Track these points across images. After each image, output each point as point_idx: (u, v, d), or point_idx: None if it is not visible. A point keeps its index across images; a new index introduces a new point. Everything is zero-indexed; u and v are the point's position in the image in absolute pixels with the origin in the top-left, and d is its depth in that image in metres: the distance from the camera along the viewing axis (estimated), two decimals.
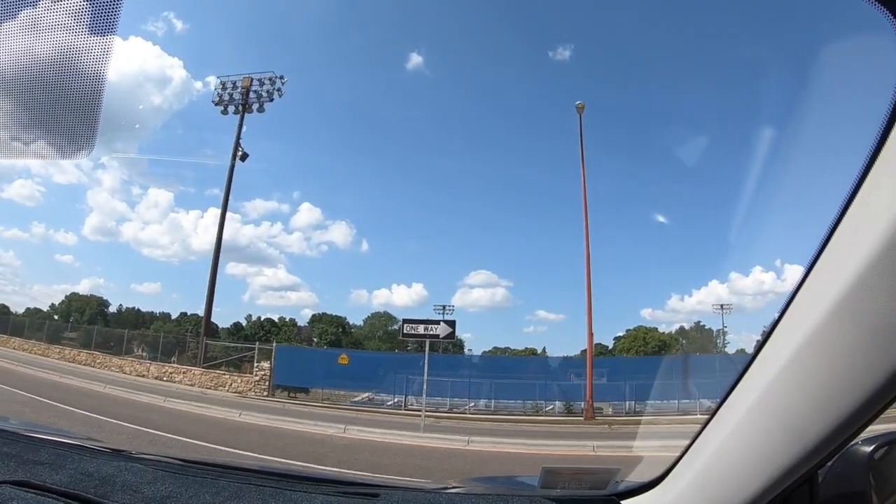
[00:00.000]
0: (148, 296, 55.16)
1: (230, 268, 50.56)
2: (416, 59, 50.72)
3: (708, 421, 1.19)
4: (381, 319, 50.56)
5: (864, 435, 1.00)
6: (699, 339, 48.01)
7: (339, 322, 49.00)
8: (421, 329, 18.51)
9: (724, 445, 1.10)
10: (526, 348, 30.82)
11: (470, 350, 37.29)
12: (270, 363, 25.04)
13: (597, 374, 23.89)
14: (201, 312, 31.40)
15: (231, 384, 24.85)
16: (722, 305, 42.47)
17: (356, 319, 52.19)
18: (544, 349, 28.88)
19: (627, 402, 24.54)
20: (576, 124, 25.56)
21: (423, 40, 52.24)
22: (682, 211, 53.85)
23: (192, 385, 24.41)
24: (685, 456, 1.25)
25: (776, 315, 0.99)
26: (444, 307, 39.46)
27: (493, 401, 25.24)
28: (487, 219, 58.29)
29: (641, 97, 49.28)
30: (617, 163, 48.17)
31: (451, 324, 18.65)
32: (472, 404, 24.56)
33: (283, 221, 54.43)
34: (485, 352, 33.99)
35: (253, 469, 1.72)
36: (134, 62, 42.00)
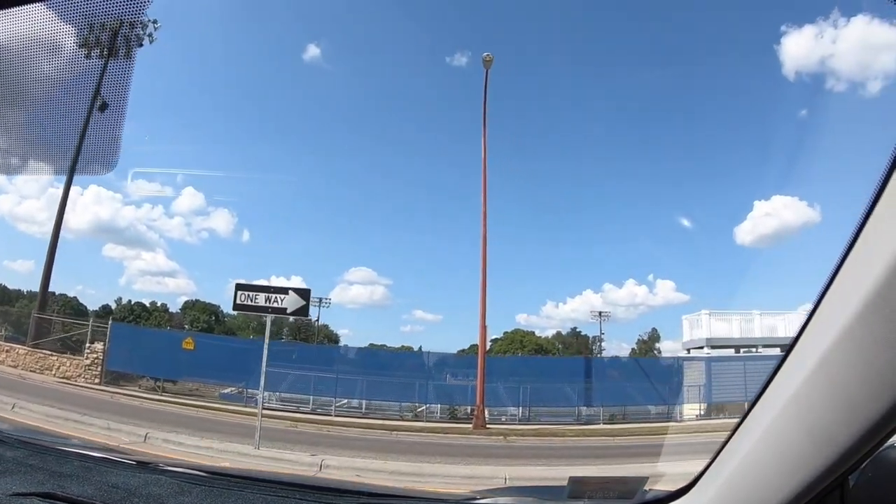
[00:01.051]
0: (21, 273, 53.79)
1: (108, 250, 50.01)
2: (313, 51, 52.15)
3: (736, 428, 1.22)
4: None
5: (895, 439, 1.01)
6: (575, 344, 51.69)
7: (213, 310, 49.27)
8: (261, 299, 13.69)
9: (752, 452, 1.12)
10: (402, 346, 28.94)
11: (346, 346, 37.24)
12: (105, 344, 22.53)
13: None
14: (71, 293, 31.42)
15: (58, 368, 22.32)
16: (600, 313, 48.00)
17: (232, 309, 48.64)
18: (420, 348, 26.93)
19: (521, 408, 23.48)
20: (469, 128, 23.96)
21: (323, 34, 54.04)
22: (562, 219, 59.02)
23: (14, 366, 21.94)
24: (713, 464, 1.28)
25: (803, 320, 1.02)
26: (320, 300, 41.64)
27: (364, 400, 23.46)
28: (371, 216, 60.17)
29: (536, 104, 54.39)
30: (508, 165, 53.17)
31: (304, 294, 14.10)
32: (343, 402, 23.00)
33: (164, 205, 51.81)
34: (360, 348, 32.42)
35: (278, 481, 1.79)
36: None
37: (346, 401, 22.98)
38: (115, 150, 1.74)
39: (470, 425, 19.73)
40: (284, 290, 13.88)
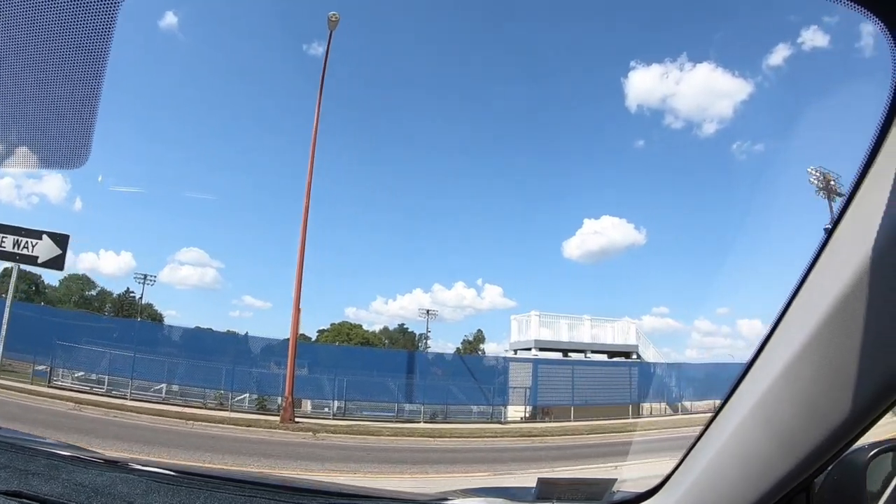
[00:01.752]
0: None
1: None
2: (170, 19, 51.75)
3: (704, 430, 1.26)
4: (79, 283, 50.44)
5: (859, 443, 1.04)
6: (402, 340, 53.54)
7: (33, 279, 47.57)
8: (9, 243, 11.75)
9: (720, 455, 1.17)
10: (228, 331, 26.96)
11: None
12: None
13: (299, 365, 20.77)
14: None
15: None
16: (428, 311, 49.23)
17: (54, 280, 51.24)
18: (247, 334, 25.22)
19: (338, 401, 22.35)
20: (305, 129, 22.32)
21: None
22: (397, 219, 64.81)
23: None
24: (682, 465, 1.32)
25: (770, 325, 1.06)
26: (145, 276, 43.03)
27: (178, 385, 22.21)
28: (205, 197, 58.50)
29: (382, 108, 59.34)
30: (348, 163, 50.80)
31: (62, 241, 12.21)
32: (160, 386, 21.69)
33: None
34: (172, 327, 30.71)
35: (248, 481, 1.78)
36: None
37: (163, 385, 21.77)
38: None
39: (278, 419, 18.25)
40: (37, 234, 11.53)
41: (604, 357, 31.01)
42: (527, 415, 24.96)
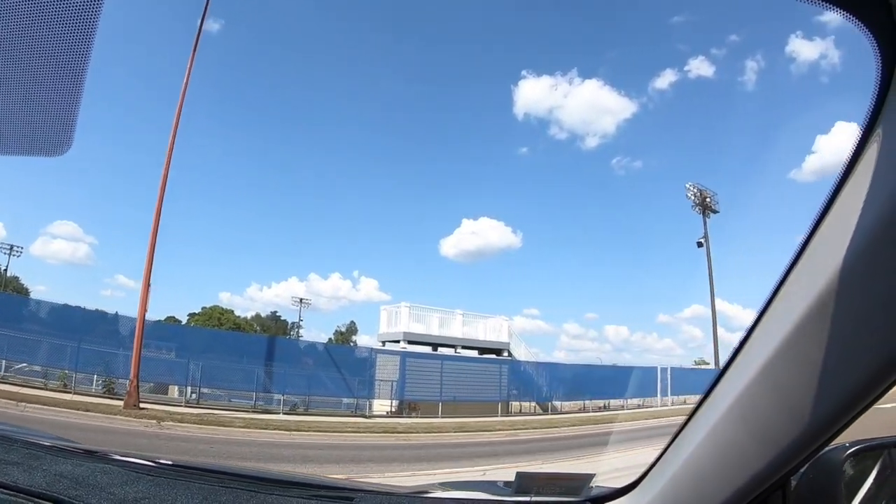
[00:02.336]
0: None
1: None
2: None
3: (683, 426, 1.29)
4: None
5: (835, 442, 1.07)
6: (274, 328, 55.09)
7: None
8: None
9: (697, 451, 1.19)
10: (97, 309, 25.02)
11: None
12: None
13: (157, 347, 19.87)
14: None
15: None
16: (301, 299, 49.10)
17: None
18: (116, 314, 23.69)
19: (192, 387, 21.76)
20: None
21: None
22: (277, 203, 64.49)
23: None
24: (659, 461, 1.36)
25: (751, 322, 1.09)
26: (11, 247, 41.57)
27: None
28: (78, 167, 52.37)
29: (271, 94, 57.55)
30: (231, 143, 49.59)
31: None
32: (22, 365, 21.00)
33: None
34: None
35: (227, 472, 1.82)
36: None
37: (24, 364, 21.07)
38: None
39: (121, 404, 17.48)
40: None
41: (475, 353, 31.52)
42: (393, 409, 25.10)
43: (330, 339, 54.38)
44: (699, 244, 56.87)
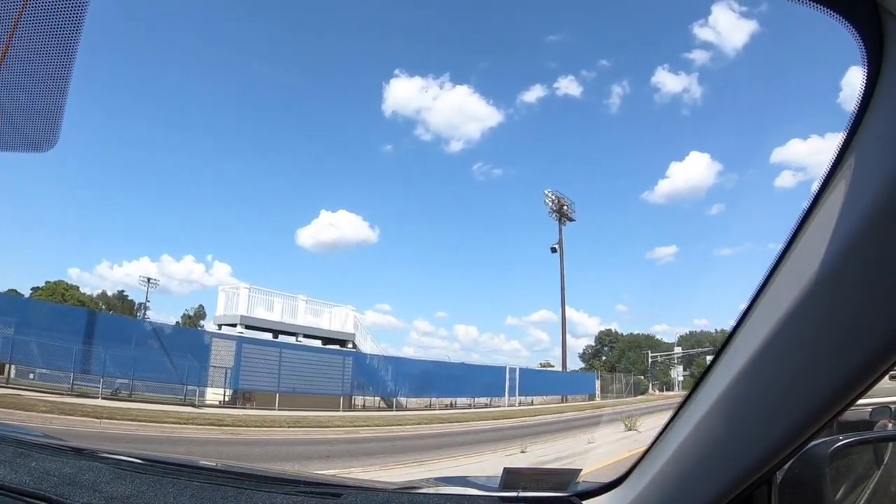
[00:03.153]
0: None
1: None
2: None
3: (670, 421, 1.37)
4: None
5: (821, 437, 1.22)
6: (120, 307, 56.26)
7: None
8: None
9: (684, 446, 1.26)
10: None
11: None
12: None
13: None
14: None
15: None
16: (149, 279, 53.77)
17: None
18: None
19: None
20: None
21: None
22: (130, 181, 64.93)
23: None
24: (646, 456, 1.44)
25: (738, 317, 1.14)
26: None
27: None
28: None
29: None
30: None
31: None
32: None
33: None
34: None
35: (214, 469, 1.92)
36: None
37: None
38: None
39: None
40: None
41: (318, 343, 31.31)
42: (226, 399, 24.23)
43: (177, 321, 54.54)
44: (553, 250, 60.58)
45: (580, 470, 1.82)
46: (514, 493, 1.72)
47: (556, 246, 58.83)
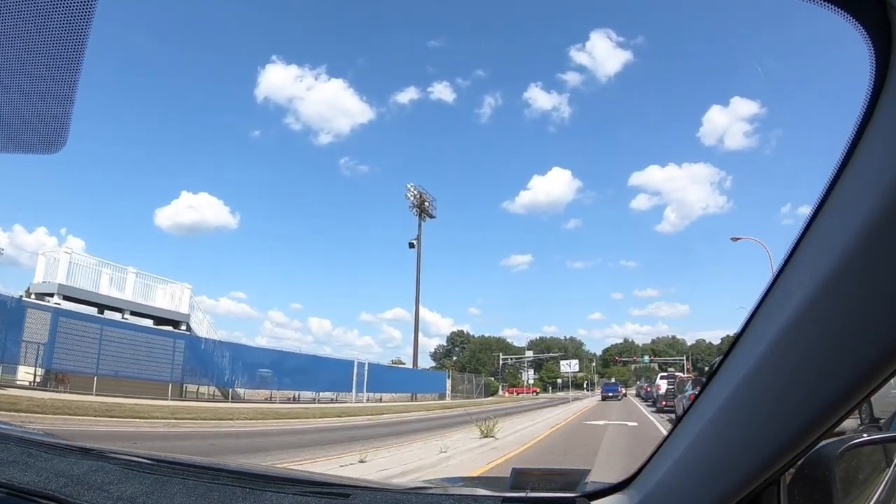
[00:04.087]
0: None
1: None
2: None
3: (678, 422, 1.39)
4: None
5: (830, 438, 1.21)
6: None
7: None
8: None
9: (693, 447, 1.28)
10: None
11: None
12: None
13: None
14: None
15: None
16: None
17: None
18: None
19: None
20: None
21: None
22: None
23: None
24: (655, 457, 1.46)
25: (745, 318, 1.16)
26: None
27: None
28: None
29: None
30: None
31: None
32: None
33: None
34: None
35: (223, 469, 1.93)
36: None
37: None
38: None
39: None
40: None
41: (149, 323, 29.47)
42: (37, 380, 22.25)
43: (20, 295, 50.73)
44: (411, 245, 61.29)
45: (589, 470, 1.89)
46: (522, 494, 1.71)
47: (415, 241, 59.66)
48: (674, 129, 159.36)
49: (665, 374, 48.81)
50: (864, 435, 1.78)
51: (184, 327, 31.16)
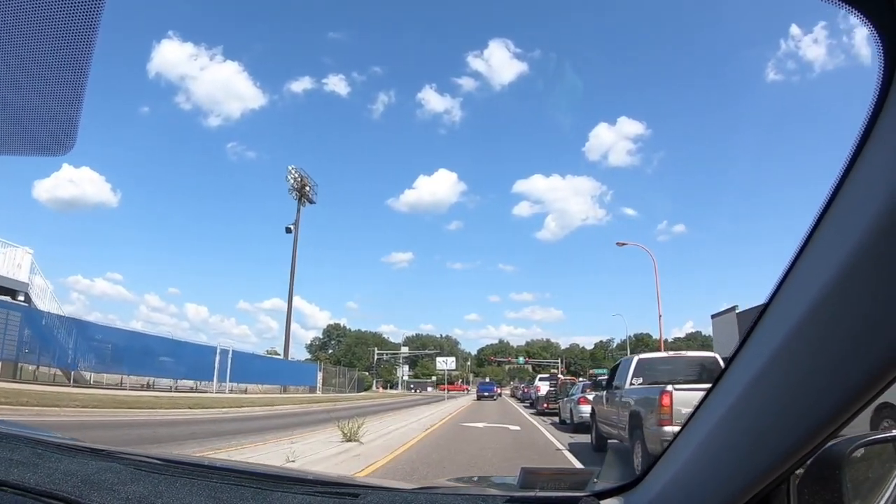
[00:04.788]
0: None
1: None
2: None
3: (687, 421, 1.41)
4: None
5: (839, 437, 1.20)
6: None
7: None
8: None
9: (703, 446, 1.30)
10: None
11: None
12: None
13: None
14: None
15: None
16: None
17: None
18: None
19: None
20: None
21: None
22: None
23: None
24: (664, 456, 1.49)
25: (755, 317, 1.17)
26: None
27: None
28: None
29: None
30: None
31: None
32: None
33: None
34: None
35: (232, 469, 1.94)
36: None
37: None
38: None
39: None
40: None
41: None
42: None
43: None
44: (287, 230, 59.01)
45: (599, 469, 2.03)
46: (531, 493, 1.74)
47: (292, 226, 57.45)
48: (561, 141, 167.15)
49: (546, 375, 49.42)
50: (874, 433, 1.75)
51: (21, 298, 27.94)
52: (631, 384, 12.36)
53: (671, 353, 13.82)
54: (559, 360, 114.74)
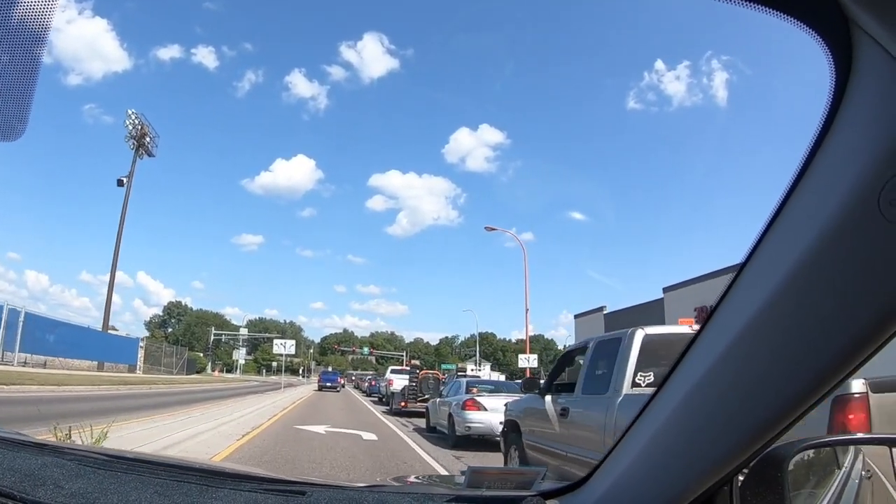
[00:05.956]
0: None
1: None
2: None
3: (633, 422, 1.40)
4: None
5: (783, 439, 1.17)
6: None
7: None
8: None
9: (648, 447, 1.30)
10: None
11: None
12: None
13: None
14: None
15: None
16: None
17: None
18: None
19: None
20: None
21: None
22: None
23: None
24: (610, 456, 1.48)
25: (706, 317, 1.18)
26: None
27: None
28: None
29: None
30: None
31: None
32: None
33: None
34: None
35: (178, 465, 1.91)
36: None
37: None
38: None
39: None
40: None
41: None
42: None
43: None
44: (119, 182, 52.23)
45: (545, 470, 1.98)
46: (478, 492, 1.77)
47: (124, 179, 50.91)
48: (421, 140, 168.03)
49: (399, 367, 44.45)
50: (816, 437, 1.79)
51: None
52: (632, 384, 6.48)
53: (686, 329, 7.40)
54: (404, 353, 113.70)
